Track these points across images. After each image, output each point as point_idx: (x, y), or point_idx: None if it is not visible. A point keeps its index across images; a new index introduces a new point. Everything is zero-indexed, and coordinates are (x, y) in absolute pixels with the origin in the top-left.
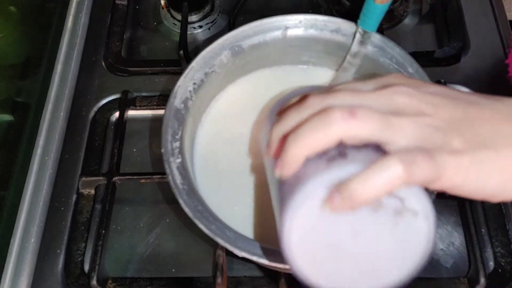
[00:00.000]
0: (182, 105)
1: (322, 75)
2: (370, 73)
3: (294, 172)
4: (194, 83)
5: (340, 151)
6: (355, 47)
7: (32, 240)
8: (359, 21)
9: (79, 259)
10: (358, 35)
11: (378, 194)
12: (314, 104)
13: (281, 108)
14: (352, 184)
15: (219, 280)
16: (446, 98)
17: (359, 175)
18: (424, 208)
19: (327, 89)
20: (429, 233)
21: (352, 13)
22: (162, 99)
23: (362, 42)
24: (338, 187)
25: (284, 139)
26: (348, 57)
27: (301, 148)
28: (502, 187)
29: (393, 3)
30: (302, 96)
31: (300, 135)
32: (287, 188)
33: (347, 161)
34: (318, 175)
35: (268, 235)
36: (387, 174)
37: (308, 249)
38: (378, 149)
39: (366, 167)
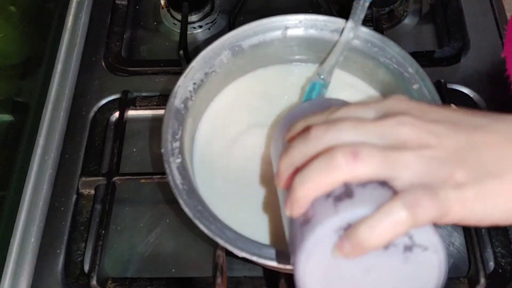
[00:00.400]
0: (182, 105)
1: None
2: (371, 95)
3: (303, 212)
4: (194, 83)
5: (347, 188)
6: (344, 37)
7: (32, 240)
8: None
9: (79, 259)
10: (349, 23)
11: (387, 239)
12: (317, 138)
13: (288, 129)
14: (359, 231)
15: (219, 280)
16: (449, 125)
17: (366, 222)
18: (433, 242)
19: (330, 110)
20: (439, 266)
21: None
22: (162, 99)
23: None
24: (347, 234)
25: (293, 173)
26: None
27: (308, 190)
28: (510, 213)
29: (393, 3)
30: (308, 124)
31: (306, 177)
32: (298, 227)
33: (354, 201)
34: (327, 219)
35: (270, 235)
36: (393, 220)
37: (321, 284)
38: (383, 183)
39: (372, 213)
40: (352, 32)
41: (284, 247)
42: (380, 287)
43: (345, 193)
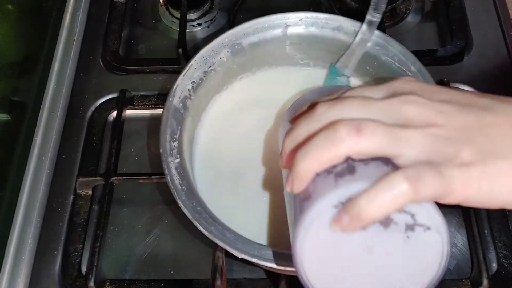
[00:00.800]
0: (181, 104)
1: (323, 74)
2: (380, 77)
3: (304, 188)
4: (193, 82)
5: (349, 165)
6: (357, 40)
7: (29, 241)
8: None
9: (77, 260)
10: (364, 26)
11: (385, 212)
12: (321, 114)
13: (295, 113)
14: (358, 203)
15: (218, 282)
16: (458, 105)
17: (365, 194)
18: (435, 222)
19: (337, 93)
20: (442, 247)
21: (353, 11)
22: (161, 98)
23: (364, 38)
24: (345, 206)
25: (295, 150)
26: (348, 52)
27: (309, 165)
28: None
29: (395, 1)
30: (313, 102)
31: (308, 151)
32: (298, 203)
33: (355, 177)
34: (327, 194)
35: (270, 236)
36: (393, 192)
37: (321, 267)
38: (387, 162)
39: (372, 184)
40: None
41: (284, 248)
42: (380, 269)
43: (347, 169)
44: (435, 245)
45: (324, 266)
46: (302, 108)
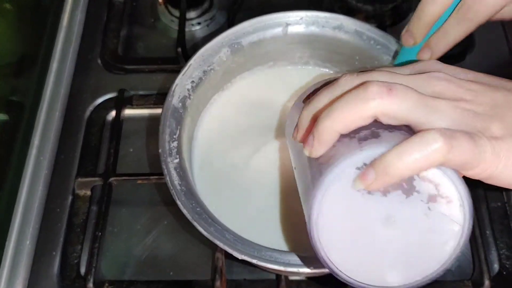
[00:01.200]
0: (180, 104)
1: (323, 74)
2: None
3: (325, 151)
4: (192, 81)
5: (373, 131)
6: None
7: (28, 242)
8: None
9: (75, 261)
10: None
11: (415, 169)
12: (348, 82)
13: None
14: (387, 157)
15: (218, 283)
16: (485, 85)
17: (396, 148)
18: (459, 195)
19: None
20: (464, 222)
21: (354, 10)
22: (160, 98)
23: None
24: (373, 162)
25: (314, 121)
26: None
27: (335, 123)
28: None
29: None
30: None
31: (334, 109)
32: (316, 169)
33: (381, 140)
34: (350, 154)
35: (271, 237)
36: (427, 148)
37: (336, 234)
38: (411, 132)
39: (404, 140)
40: None
41: (284, 248)
42: (397, 241)
43: (371, 134)
44: (456, 220)
45: (340, 234)
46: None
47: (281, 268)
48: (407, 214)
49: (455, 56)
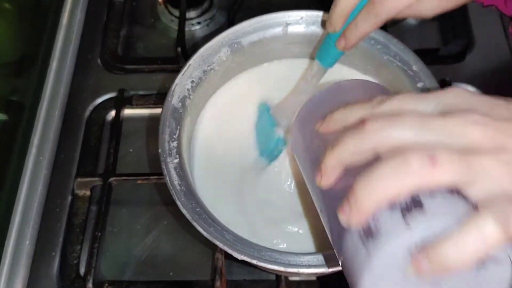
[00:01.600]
0: (180, 104)
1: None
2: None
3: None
4: (192, 81)
5: (413, 199)
6: (309, 76)
7: (27, 242)
8: (316, 54)
9: (75, 262)
10: (315, 67)
11: (473, 258)
12: (373, 132)
13: (316, 116)
14: (443, 248)
15: (217, 283)
16: None
17: (450, 238)
18: (507, 256)
19: (380, 102)
20: (509, 282)
21: None
22: (159, 98)
23: (316, 75)
24: (427, 253)
25: (339, 167)
26: (302, 82)
27: (374, 196)
28: None
29: None
30: (348, 107)
31: (372, 181)
32: (356, 239)
33: (427, 215)
34: (398, 235)
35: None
36: (483, 236)
37: None
38: (453, 192)
39: (457, 228)
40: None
41: (284, 249)
42: None
43: (413, 203)
44: (502, 280)
45: None
46: (335, 116)
47: (281, 268)
48: (457, 278)
49: (455, 56)
